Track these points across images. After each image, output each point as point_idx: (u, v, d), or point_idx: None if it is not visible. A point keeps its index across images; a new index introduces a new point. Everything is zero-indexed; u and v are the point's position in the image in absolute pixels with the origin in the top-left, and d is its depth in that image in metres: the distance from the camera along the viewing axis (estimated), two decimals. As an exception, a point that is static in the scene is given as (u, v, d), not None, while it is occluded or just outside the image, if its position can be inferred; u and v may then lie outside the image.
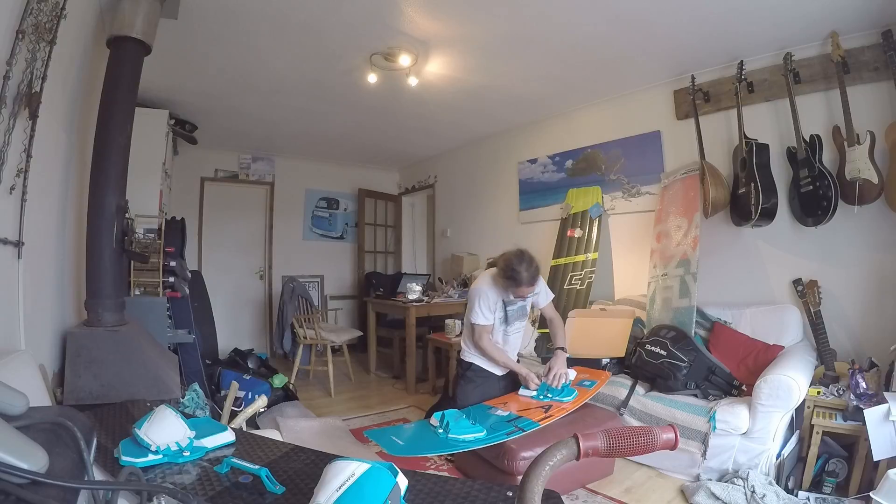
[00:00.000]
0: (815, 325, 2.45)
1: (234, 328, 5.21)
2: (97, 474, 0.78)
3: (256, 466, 0.98)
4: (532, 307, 2.47)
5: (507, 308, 2.34)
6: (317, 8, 2.38)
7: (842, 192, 2.39)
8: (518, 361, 2.45)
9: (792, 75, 2.59)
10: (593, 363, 3.02)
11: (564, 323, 3.55)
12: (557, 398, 2.16)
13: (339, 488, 0.72)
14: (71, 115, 1.89)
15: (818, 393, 2.15)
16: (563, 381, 2.21)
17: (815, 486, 2.06)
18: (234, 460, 1.02)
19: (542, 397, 2.19)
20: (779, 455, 2.10)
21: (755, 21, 2.45)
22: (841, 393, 2.13)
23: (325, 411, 3.48)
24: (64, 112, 1.79)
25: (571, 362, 3.06)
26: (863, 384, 2.03)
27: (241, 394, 3.04)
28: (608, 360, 2.86)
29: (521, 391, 2.28)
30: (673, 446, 0.61)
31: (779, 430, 2.09)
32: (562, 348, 2.36)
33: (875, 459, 1.86)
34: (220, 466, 1.02)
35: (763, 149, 2.70)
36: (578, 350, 3.25)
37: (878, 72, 2.38)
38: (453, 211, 5.42)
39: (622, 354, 2.88)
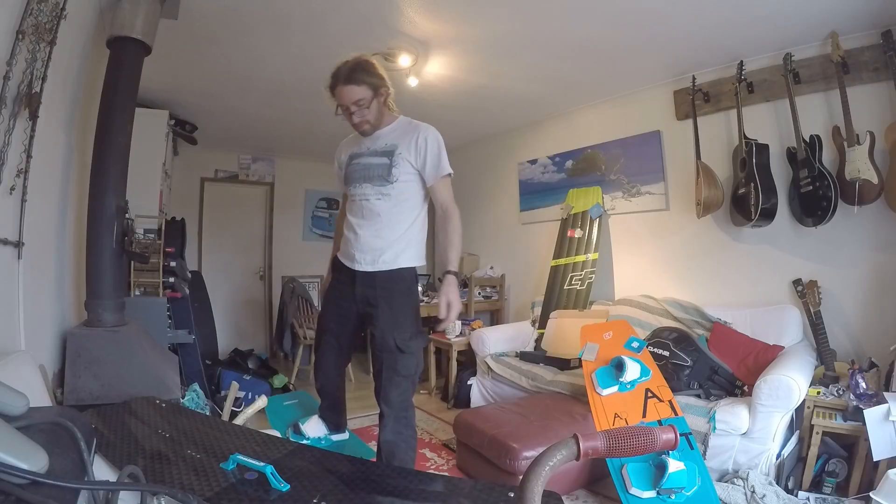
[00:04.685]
0: (815, 325, 2.45)
1: (234, 328, 5.22)
2: (98, 474, 0.78)
3: (262, 463, 0.98)
4: (406, 176, 1.72)
5: (354, 161, 1.80)
6: (316, 8, 2.38)
7: (842, 193, 2.39)
8: (352, 244, 1.74)
9: (792, 75, 2.59)
10: (564, 363, 3.05)
11: (546, 321, 3.57)
12: (642, 380, 2.18)
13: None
14: (71, 115, 1.88)
15: (818, 393, 2.15)
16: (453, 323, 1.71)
17: (815, 487, 2.06)
18: (241, 457, 1.02)
19: (628, 386, 2.19)
20: (779, 455, 2.10)
21: (755, 21, 2.45)
22: (841, 393, 2.13)
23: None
24: (64, 112, 1.79)
25: (550, 362, 3.10)
26: (863, 384, 2.03)
27: (241, 394, 3.05)
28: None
29: (602, 389, 2.23)
30: (673, 447, 0.61)
31: (779, 430, 2.09)
32: (452, 272, 1.70)
33: (875, 459, 1.86)
34: (227, 463, 1.02)
35: (763, 149, 2.70)
36: (558, 349, 3.28)
37: (878, 72, 2.37)
38: (453, 211, 5.41)
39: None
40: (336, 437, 2.05)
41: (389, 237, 1.73)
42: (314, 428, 2.03)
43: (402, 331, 1.73)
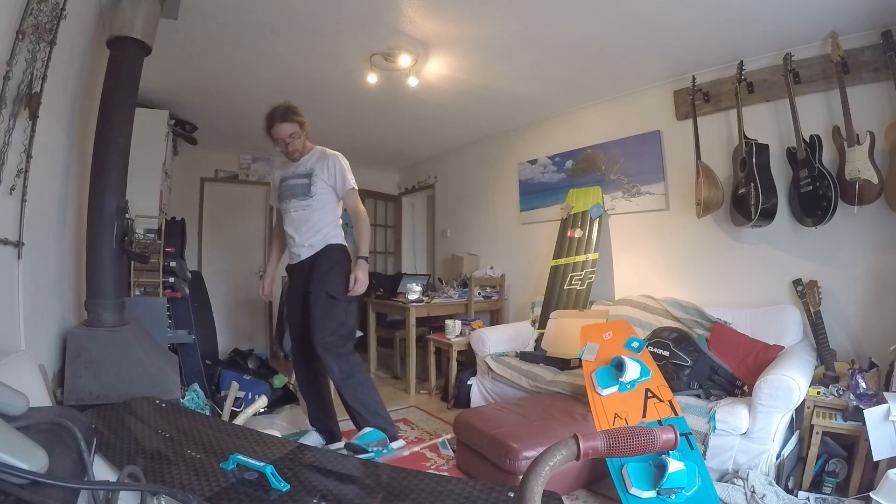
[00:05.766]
0: (815, 325, 2.45)
1: (234, 328, 5.21)
2: (98, 474, 0.78)
3: (262, 464, 0.98)
4: (323, 191, 2.28)
5: (283, 183, 2.33)
6: (317, 8, 2.38)
7: (841, 193, 2.39)
8: (301, 246, 2.29)
9: (792, 75, 2.59)
10: (564, 363, 3.05)
11: (546, 321, 3.58)
12: (642, 380, 2.19)
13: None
14: (71, 115, 1.89)
15: (818, 393, 2.15)
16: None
17: (815, 487, 2.06)
18: (241, 457, 1.02)
19: (628, 386, 2.19)
20: (779, 455, 2.10)
21: (755, 21, 2.45)
22: (841, 393, 2.13)
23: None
24: (64, 112, 1.79)
25: (550, 362, 3.11)
26: (863, 384, 2.03)
27: (241, 394, 3.04)
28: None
29: (602, 389, 2.23)
30: (673, 447, 0.61)
31: (779, 430, 2.09)
32: (362, 257, 2.26)
33: (875, 459, 1.86)
34: (227, 463, 1.02)
35: (763, 149, 2.70)
36: (558, 349, 3.28)
37: (878, 72, 2.37)
38: (453, 211, 5.42)
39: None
40: (333, 448, 2.09)
41: (316, 232, 2.27)
42: (312, 443, 2.10)
43: (332, 284, 2.20)
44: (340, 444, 2.15)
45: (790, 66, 2.59)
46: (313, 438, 2.17)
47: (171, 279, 2.85)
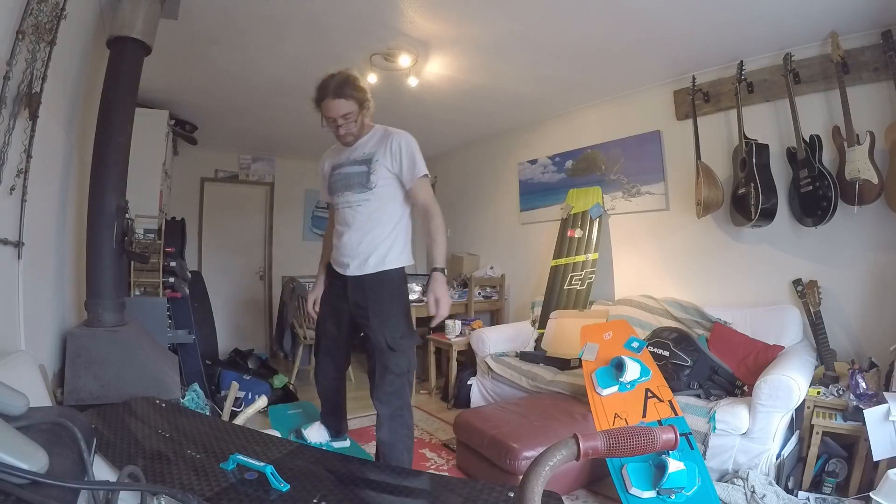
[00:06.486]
0: (815, 325, 2.45)
1: (234, 328, 5.22)
2: (98, 474, 0.78)
3: (262, 463, 0.98)
4: (384, 181, 1.80)
5: (335, 172, 1.87)
6: (317, 8, 2.38)
7: (841, 193, 2.39)
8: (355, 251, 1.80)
9: (792, 75, 2.59)
10: (564, 363, 3.06)
11: (546, 321, 3.57)
12: (642, 380, 2.18)
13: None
14: (71, 115, 1.89)
15: (818, 393, 2.15)
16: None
17: (815, 487, 2.06)
18: (241, 457, 1.02)
19: (628, 386, 2.19)
20: (779, 455, 2.10)
21: (755, 21, 2.45)
22: (841, 393, 2.13)
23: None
24: (64, 112, 1.79)
25: (550, 362, 3.11)
26: (863, 384, 2.03)
27: (241, 394, 3.05)
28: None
29: (602, 389, 2.21)
30: (673, 447, 0.61)
31: (779, 430, 2.09)
32: (439, 269, 1.76)
33: (875, 459, 1.86)
34: (227, 463, 1.02)
35: (763, 149, 2.70)
36: (558, 349, 3.28)
37: (878, 72, 2.37)
38: (453, 211, 5.41)
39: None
40: (337, 444, 2.08)
41: (374, 241, 1.80)
42: (316, 434, 2.07)
43: (393, 330, 1.80)
44: (346, 443, 2.13)
45: (790, 66, 2.59)
46: (317, 430, 2.12)
47: (171, 279, 2.86)
